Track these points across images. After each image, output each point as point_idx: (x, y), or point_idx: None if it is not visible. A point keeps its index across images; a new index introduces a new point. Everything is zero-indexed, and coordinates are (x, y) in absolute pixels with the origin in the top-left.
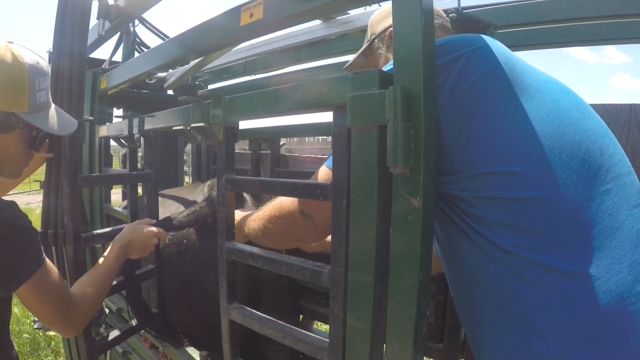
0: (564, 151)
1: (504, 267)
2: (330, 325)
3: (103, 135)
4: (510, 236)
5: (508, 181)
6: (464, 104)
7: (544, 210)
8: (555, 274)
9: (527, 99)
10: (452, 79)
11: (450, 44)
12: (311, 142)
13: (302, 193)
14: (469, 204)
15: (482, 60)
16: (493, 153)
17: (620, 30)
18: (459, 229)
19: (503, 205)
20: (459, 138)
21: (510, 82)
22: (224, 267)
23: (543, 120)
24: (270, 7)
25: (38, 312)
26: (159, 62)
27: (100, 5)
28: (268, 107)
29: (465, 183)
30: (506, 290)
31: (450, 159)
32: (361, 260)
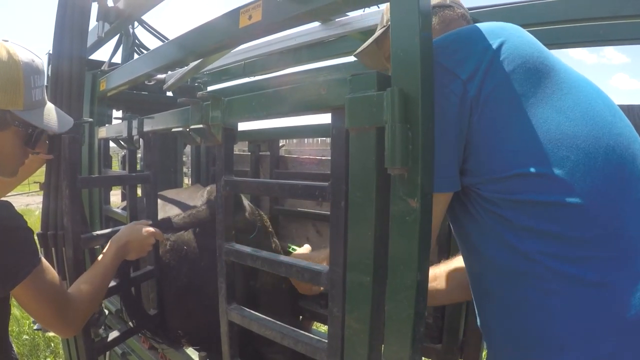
0: (598, 156)
1: (526, 275)
2: (329, 325)
3: (102, 136)
4: (537, 242)
5: (542, 184)
6: (499, 96)
7: (577, 217)
8: (581, 285)
9: (562, 97)
10: (482, 71)
11: (479, 32)
12: (310, 143)
13: (300, 194)
14: (496, 205)
15: (516, 51)
16: (527, 154)
17: (618, 31)
18: (481, 230)
19: (534, 209)
20: (491, 135)
21: (544, 76)
22: (223, 268)
23: (577, 121)
24: (269, 10)
25: (35, 312)
26: (158, 63)
27: (99, 7)
28: (267, 109)
29: (495, 185)
30: (526, 300)
31: (479, 159)
32: (359, 261)
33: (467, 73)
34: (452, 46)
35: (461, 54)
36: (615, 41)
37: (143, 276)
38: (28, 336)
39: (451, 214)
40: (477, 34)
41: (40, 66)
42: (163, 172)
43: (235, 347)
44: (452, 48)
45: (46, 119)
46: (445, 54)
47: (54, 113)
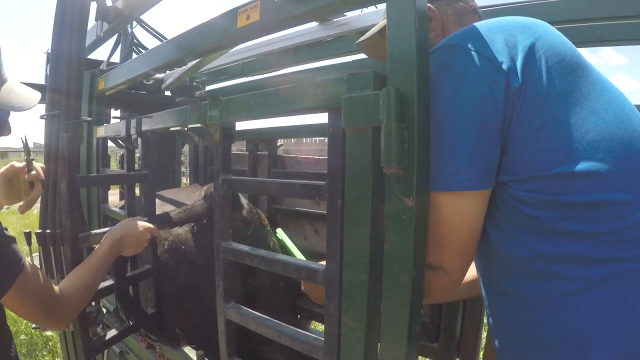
0: (632, 159)
1: (550, 276)
2: (326, 324)
3: (101, 136)
4: (568, 244)
5: (581, 185)
6: (538, 92)
7: (615, 218)
8: (608, 285)
9: (596, 98)
10: (522, 64)
11: (514, 25)
12: (309, 142)
13: (297, 193)
14: (527, 204)
15: (552, 48)
16: (566, 153)
17: (614, 32)
18: (502, 231)
19: (571, 210)
20: (529, 132)
21: (579, 76)
22: (220, 267)
23: (611, 123)
24: (267, 10)
25: (24, 315)
26: (157, 63)
27: (98, 6)
28: (264, 108)
29: (530, 184)
30: (548, 300)
31: (514, 156)
32: (356, 259)
33: (507, 64)
34: (487, 36)
35: (499, 45)
36: (612, 42)
37: (141, 275)
38: (25, 335)
39: None
40: (511, 26)
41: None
42: (161, 172)
43: (233, 346)
44: (488, 38)
45: (6, 98)
46: (482, 43)
47: (17, 90)
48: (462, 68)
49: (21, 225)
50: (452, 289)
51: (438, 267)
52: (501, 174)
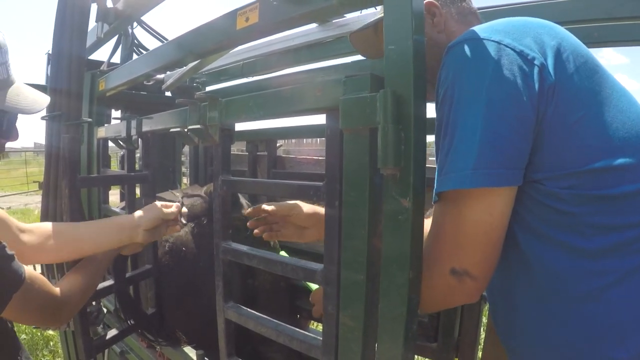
0: None
1: (585, 272)
2: (324, 323)
3: (101, 136)
4: (606, 238)
5: (612, 178)
6: (571, 89)
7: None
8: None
9: (619, 98)
10: (552, 61)
11: (539, 24)
12: (309, 143)
13: (295, 194)
14: (563, 201)
15: (576, 49)
16: (600, 149)
17: (612, 33)
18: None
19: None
20: (563, 128)
21: (602, 77)
22: (220, 267)
23: (636, 121)
24: (266, 12)
25: (24, 322)
26: (157, 64)
27: (98, 8)
28: (263, 109)
29: (566, 180)
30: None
31: (548, 152)
32: (353, 259)
33: (539, 60)
34: (515, 32)
35: (529, 42)
36: (610, 43)
37: (141, 275)
38: (26, 335)
39: None
40: (535, 25)
41: (0, 40)
42: (161, 172)
43: (232, 345)
44: (517, 33)
45: (14, 100)
46: (512, 38)
47: (25, 92)
48: (494, 61)
49: None
50: (476, 296)
51: (464, 273)
52: (534, 171)
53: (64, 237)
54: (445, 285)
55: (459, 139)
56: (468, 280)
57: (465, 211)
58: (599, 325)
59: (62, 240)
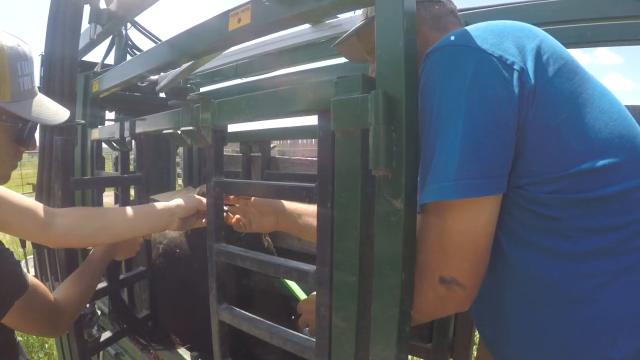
0: (638, 153)
1: (574, 276)
2: (317, 325)
3: (95, 138)
4: (593, 240)
5: (601, 180)
6: (551, 93)
7: (634, 203)
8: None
9: (600, 98)
10: (532, 65)
11: (517, 28)
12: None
13: (288, 195)
14: (547, 206)
15: (555, 52)
16: (583, 152)
17: (606, 33)
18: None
19: (593, 206)
20: (545, 133)
21: (582, 78)
22: (213, 269)
23: (618, 122)
24: (258, 13)
25: (23, 331)
26: (151, 65)
27: (91, 9)
28: (255, 111)
29: (549, 185)
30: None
31: (530, 157)
32: (346, 260)
33: (519, 64)
34: (494, 37)
35: (508, 46)
36: (603, 42)
37: (135, 277)
38: (22, 337)
39: None
40: (514, 29)
41: (27, 52)
42: (156, 173)
43: (226, 347)
44: (495, 38)
45: (37, 111)
46: (490, 43)
47: (47, 104)
48: (472, 68)
49: None
50: (467, 305)
51: (452, 281)
52: (517, 177)
53: (100, 221)
54: (435, 295)
55: (440, 149)
56: (457, 288)
57: (450, 222)
58: (592, 327)
59: (98, 225)
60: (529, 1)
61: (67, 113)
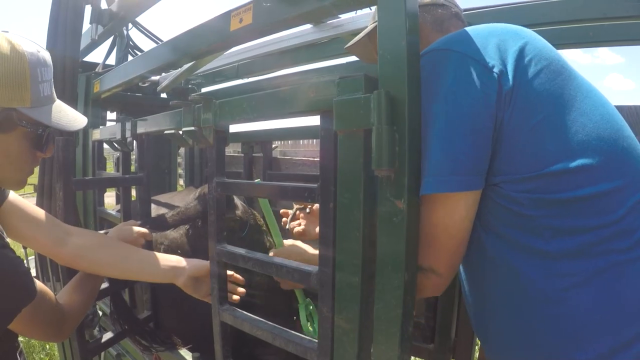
0: (618, 156)
1: (545, 273)
2: (319, 326)
3: (96, 138)
4: (563, 240)
5: (572, 182)
6: (529, 95)
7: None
8: (600, 276)
9: (583, 99)
10: (512, 67)
11: (502, 30)
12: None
13: (290, 196)
14: (520, 204)
15: (536, 55)
16: (558, 154)
17: (608, 33)
18: (495, 231)
19: (563, 207)
20: (521, 133)
21: (565, 79)
22: (215, 269)
23: (599, 124)
24: (259, 13)
25: (28, 336)
26: (152, 65)
27: (93, 9)
28: (257, 111)
29: (523, 184)
30: (542, 299)
31: (506, 157)
32: (348, 261)
33: (498, 67)
34: (479, 41)
35: (490, 49)
36: (604, 42)
37: None
38: (22, 338)
39: None
40: (501, 31)
41: (47, 59)
42: (157, 174)
43: (228, 348)
44: (480, 42)
45: (57, 117)
46: (473, 47)
47: (65, 110)
48: (453, 71)
49: None
50: (442, 289)
51: (429, 269)
52: (493, 175)
53: (113, 255)
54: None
55: (425, 147)
56: (433, 276)
57: (428, 214)
58: (561, 327)
59: (111, 258)
60: (531, 1)
61: (85, 120)
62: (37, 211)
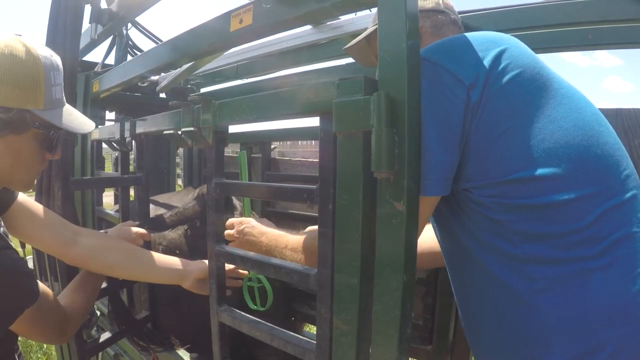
0: (588, 164)
1: (516, 277)
2: (317, 327)
3: (95, 138)
4: (530, 245)
5: (537, 188)
6: (498, 104)
7: (562, 218)
8: (569, 282)
9: (555, 107)
10: (484, 78)
11: (481, 39)
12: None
13: (289, 197)
14: (489, 209)
15: (511, 62)
16: (523, 161)
17: (606, 36)
18: (471, 234)
19: (529, 213)
20: (488, 142)
21: (539, 87)
22: (213, 270)
23: (570, 130)
24: (260, 14)
25: (33, 337)
26: (151, 65)
27: (92, 9)
28: (256, 112)
29: (490, 189)
30: (515, 300)
31: (475, 164)
32: (347, 263)
33: (470, 79)
34: (455, 51)
35: (464, 60)
36: (603, 45)
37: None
38: (20, 338)
39: (437, 217)
40: (478, 41)
41: (58, 62)
42: (156, 174)
43: (226, 349)
44: (455, 52)
45: (67, 119)
46: (448, 57)
47: (75, 113)
48: (427, 81)
49: None
50: None
51: None
52: (465, 181)
53: (123, 257)
54: None
55: None
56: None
57: None
58: (532, 330)
59: (121, 260)
60: (529, 4)
61: (93, 124)
62: (46, 212)
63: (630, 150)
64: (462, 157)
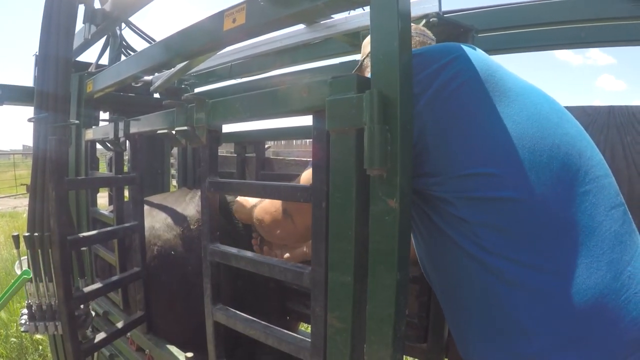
0: (544, 153)
1: (486, 268)
2: (312, 325)
3: (89, 138)
4: (491, 236)
5: (486, 182)
6: (446, 110)
7: (522, 210)
8: (537, 274)
9: (508, 104)
10: (433, 89)
11: (429, 54)
12: (299, 144)
13: (283, 195)
14: (451, 204)
15: (461, 69)
16: (473, 155)
17: (599, 34)
18: (440, 231)
19: (482, 206)
20: (444, 142)
21: (490, 88)
22: (207, 269)
23: (523, 124)
24: (253, 13)
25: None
26: (145, 65)
27: (86, 9)
28: (250, 111)
29: (449, 184)
30: (489, 290)
31: (434, 162)
32: (341, 260)
33: (418, 87)
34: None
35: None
36: (595, 43)
37: (129, 278)
38: (16, 339)
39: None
40: (432, 50)
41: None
42: (150, 174)
43: (222, 348)
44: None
45: None
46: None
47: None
48: None
49: (10, 228)
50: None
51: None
52: (427, 176)
53: None
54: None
55: None
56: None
57: None
58: (502, 321)
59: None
60: (523, 2)
61: None
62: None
63: (622, 147)
64: (423, 158)
